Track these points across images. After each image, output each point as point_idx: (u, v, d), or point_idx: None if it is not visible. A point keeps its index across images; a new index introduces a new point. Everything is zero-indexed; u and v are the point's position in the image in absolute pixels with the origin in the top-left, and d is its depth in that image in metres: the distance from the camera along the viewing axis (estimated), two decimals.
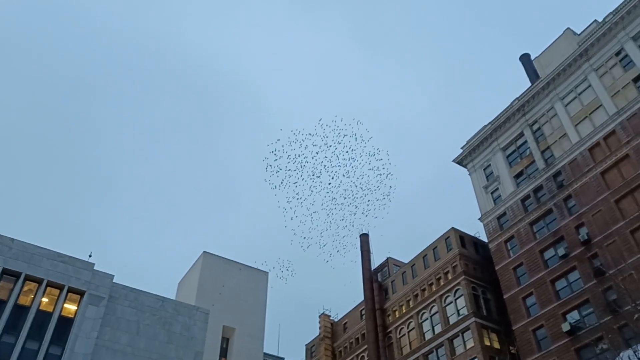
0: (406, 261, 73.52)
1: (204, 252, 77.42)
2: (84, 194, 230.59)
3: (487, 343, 56.72)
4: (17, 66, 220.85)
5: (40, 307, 44.57)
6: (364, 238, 79.52)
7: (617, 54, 57.61)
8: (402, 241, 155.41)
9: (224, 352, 70.04)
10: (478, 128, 72.48)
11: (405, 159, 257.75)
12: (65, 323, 44.70)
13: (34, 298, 44.79)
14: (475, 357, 55.65)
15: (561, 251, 53.60)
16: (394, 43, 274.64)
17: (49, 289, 45.74)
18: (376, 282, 74.93)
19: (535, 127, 64.63)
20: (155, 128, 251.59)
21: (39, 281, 45.46)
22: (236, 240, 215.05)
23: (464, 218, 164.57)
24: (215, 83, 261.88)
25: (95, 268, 48.56)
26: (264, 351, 75.89)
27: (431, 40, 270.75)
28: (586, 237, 51.61)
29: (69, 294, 46.25)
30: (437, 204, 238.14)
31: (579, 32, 65.09)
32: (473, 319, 57.74)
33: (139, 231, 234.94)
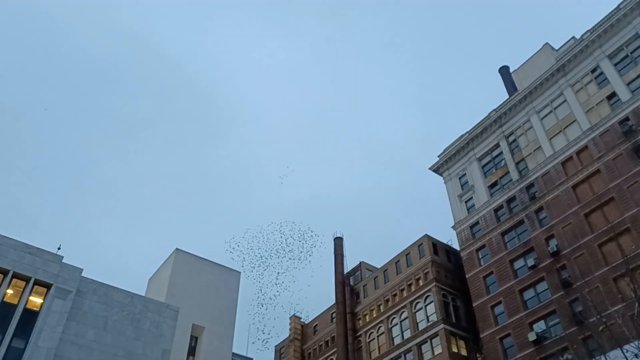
0: (379, 266, 73.87)
1: (177, 249, 76.52)
2: (53, 188, 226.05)
3: (455, 350, 57.29)
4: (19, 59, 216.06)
5: (5, 299, 43.47)
6: (338, 242, 79.68)
7: (593, 71, 58.98)
8: (376, 247, 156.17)
9: (192, 350, 69.29)
10: (455, 138, 73.31)
11: (380, 166, 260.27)
12: (30, 316, 43.68)
13: None
14: None
15: (531, 262, 54.54)
16: (368, 53, 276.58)
17: (14, 280, 44.62)
18: (348, 285, 75.10)
19: (511, 138, 65.71)
20: (128, 125, 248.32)
21: (4, 272, 44.31)
22: (209, 240, 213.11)
23: (438, 226, 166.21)
24: (189, 84, 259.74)
25: (63, 261, 47.57)
26: (233, 351, 75.39)
27: (410, 50, 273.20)
28: (555, 249, 52.61)
29: (35, 286, 45.21)
30: (411, 212, 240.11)
31: (557, 48, 66.43)
32: (442, 325, 58.29)
33: (110, 226, 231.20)
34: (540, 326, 51.11)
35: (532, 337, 50.25)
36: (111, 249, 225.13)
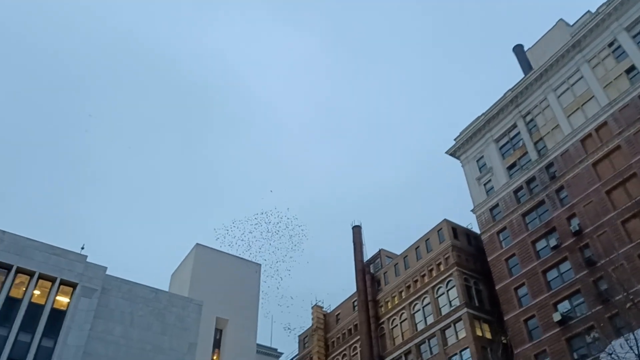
0: (399, 253, 73.74)
1: (197, 244, 77.22)
2: (74, 189, 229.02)
3: (479, 333, 57.14)
4: (7, 62, 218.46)
5: (32, 300, 44.31)
6: (356, 230, 79.65)
7: (610, 45, 57.74)
8: (395, 234, 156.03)
9: (217, 343, 70.12)
10: (471, 120, 72.51)
11: (395, 154, 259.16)
12: (58, 315, 44.50)
13: (25, 290, 44.51)
14: (467, 348, 56.08)
15: (553, 242, 53.96)
16: (377, 41, 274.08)
17: (41, 281, 45.46)
18: (368, 273, 75.15)
19: (528, 118, 64.82)
20: (144, 124, 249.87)
21: (30, 274, 45.16)
22: (227, 234, 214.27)
23: (456, 211, 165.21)
24: (202, 81, 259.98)
25: (87, 260, 48.30)
26: (257, 342, 76.12)
27: (420, 35, 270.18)
28: (577, 228, 51.97)
29: (61, 286, 45.99)
30: (429, 198, 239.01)
31: (571, 23, 65.16)
32: (465, 309, 58.10)
33: (131, 225, 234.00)
34: (565, 306, 50.67)
35: (557, 317, 49.84)
36: (132, 247, 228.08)
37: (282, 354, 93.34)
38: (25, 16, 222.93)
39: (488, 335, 57.53)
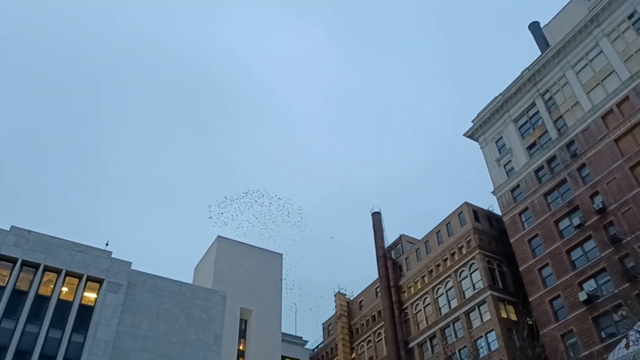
0: (419, 238, 73.49)
1: (218, 236, 77.97)
2: (95, 188, 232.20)
3: (504, 315, 56.81)
4: (23, 66, 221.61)
5: (61, 297, 45.30)
6: (376, 216, 79.50)
7: (630, 17, 56.28)
8: (415, 220, 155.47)
9: (242, 333, 70.96)
10: (488, 102, 71.54)
11: (411, 137, 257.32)
12: (86, 311, 45.45)
13: (54, 288, 45.48)
14: (492, 330, 55.85)
15: (576, 221, 53.24)
16: (387, 25, 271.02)
17: (68, 278, 46.42)
18: (390, 259, 75.07)
19: (546, 96, 63.73)
20: (160, 121, 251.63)
21: (57, 271, 46.09)
22: (247, 226, 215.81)
23: (476, 193, 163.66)
24: (214, 76, 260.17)
25: (112, 256, 49.09)
26: (282, 331, 76.82)
27: (431, 15, 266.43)
28: (601, 206, 51.17)
29: (88, 282, 46.92)
30: (448, 181, 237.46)
31: None
32: (489, 292, 57.78)
33: (152, 220, 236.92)
34: (590, 285, 50.07)
35: (582, 296, 49.31)
36: (155, 242, 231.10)
37: (307, 342, 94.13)
38: (40, 20, 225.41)
39: (513, 317, 57.20)
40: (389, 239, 78.49)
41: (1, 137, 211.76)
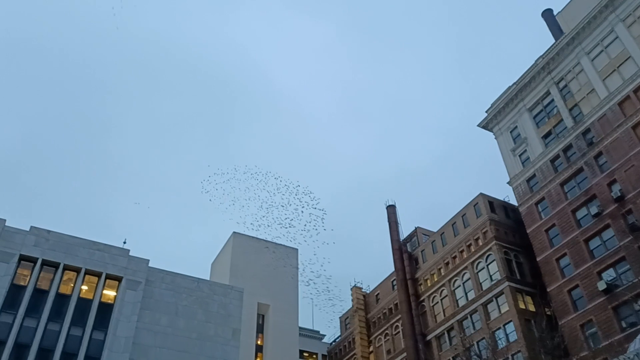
0: (435, 230, 73.22)
1: (234, 232, 78.50)
2: (111, 187, 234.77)
3: (522, 306, 56.46)
4: (37, 70, 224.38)
5: (81, 295, 45.99)
6: (391, 210, 79.33)
7: None
8: (430, 213, 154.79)
9: (260, 328, 71.45)
10: (501, 92, 70.86)
11: (423, 130, 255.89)
12: (106, 309, 46.10)
13: (74, 286, 46.17)
14: (510, 321, 55.56)
15: (594, 210, 52.64)
16: (395, 17, 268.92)
17: (87, 276, 47.09)
18: (406, 252, 74.93)
19: (561, 84, 62.93)
20: (173, 119, 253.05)
21: (77, 270, 46.78)
22: (261, 221, 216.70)
23: (491, 184, 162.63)
24: (225, 75, 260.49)
25: (130, 254, 49.65)
26: (299, 325, 77.21)
27: (441, 5, 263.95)
28: (619, 194, 50.50)
29: (107, 280, 47.56)
30: (462, 173, 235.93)
31: None
32: (506, 283, 57.44)
33: (168, 217, 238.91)
34: (609, 274, 49.52)
35: (601, 286, 48.80)
36: (172, 239, 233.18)
37: (324, 335, 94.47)
38: (53, 25, 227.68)
39: (531, 308, 56.84)
40: (404, 232, 78.42)
41: (18, 140, 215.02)
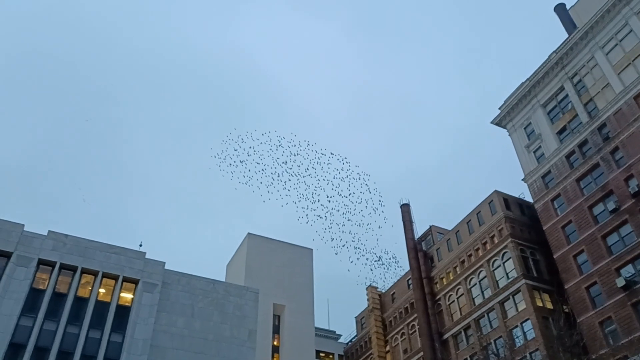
0: (450, 228, 72.82)
1: (249, 233, 78.80)
2: (127, 191, 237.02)
3: (540, 304, 55.93)
4: (53, 79, 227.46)
5: (99, 298, 46.49)
6: (405, 208, 79.05)
7: None
8: (445, 211, 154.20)
9: (276, 329, 71.61)
10: (514, 88, 70.29)
11: (436, 128, 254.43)
12: (123, 311, 46.55)
13: (91, 290, 46.70)
14: (527, 319, 55.07)
15: (611, 205, 51.98)
16: (403, 15, 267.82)
17: (104, 280, 47.61)
18: (421, 251, 74.62)
19: (575, 79, 62.25)
20: (182, 124, 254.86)
21: (94, 273, 47.31)
22: (276, 222, 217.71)
23: (506, 181, 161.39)
24: (232, 80, 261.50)
25: (146, 257, 50.07)
26: (315, 325, 77.27)
27: (454, 3, 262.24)
28: (637, 189, 49.81)
29: (124, 283, 48.03)
30: (476, 170, 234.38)
31: None
32: (523, 281, 56.95)
33: (183, 220, 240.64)
34: (628, 270, 48.88)
35: (620, 282, 48.17)
36: (187, 241, 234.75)
37: (340, 335, 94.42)
38: (66, 35, 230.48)
39: (549, 306, 56.28)
40: (419, 230, 78.12)
41: (34, 147, 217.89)
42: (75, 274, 46.31)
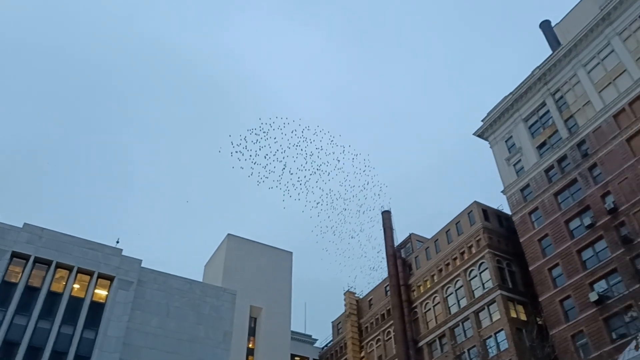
0: (429, 237, 73.36)
1: (229, 234, 78.36)
2: (107, 187, 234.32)
3: (514, 315, 56.60)
4: (34, 74, 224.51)
5: (73, 293, 45.88)
6: (386, 215, 79.45)
7: None
8: (425, 220, 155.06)
9: (252, 331, 71.22)
10: (498, 101, 71.24)
11: (420, 138, 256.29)
12: (97, 308, 46.01)
13: (65, 285, 46.06)
14: (501, 330, 55.67)
15: (587, 221, 52.89)
16: (392, 26, 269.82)
17: (79, 275, 47.00)
18: (400, 258, 75.02)
19: (557, 95, 63.32)
20: (171, 123, 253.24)
21: (69, 268, 46.69)
22: (258, 224, 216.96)
23: (486, 192, 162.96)
24: (218, 81, 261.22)
25: (123, 254, 49.56)
26: (292, 329, 77.07)
27: (439, 14, 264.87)
28: (612, 206, 50.79)
29: (99, 279, 47.48)
30: (457, 181, 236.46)
31: None
32: (498, 291, 57.59)
33: (163, 219, 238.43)
34: (601, 286, 49.73)
35: (593, 297, 48.98)
36: (166, 240, 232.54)
37: (316, 340, 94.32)
38: (49, 27, 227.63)
39: (523, 317, 56.97)
40: (399, 238, 78.54)
41: (14, 140, 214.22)
42: (49, 268, 45.65)
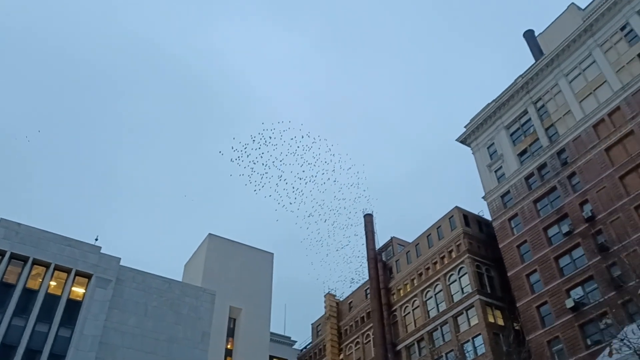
0: (410, 241, 73.76)
1: (210, 234, 77.90)
2: (87, 185, 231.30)
3: (491, 320, 57.16)
4: (22, 68, 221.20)
5: (49, 291, 45.12)
6: (368, 218, 79.73)
7: (622, 28, 56.88)
8: (406, 224, 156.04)
9: (231, 332, 70.83)
10: (480, 108, 72.00)
11: (403, 142, 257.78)
12: (74, 306, 45.32)
13: (42, 282, 45.29)
14: (479, 334, 56.16)
15: (565, 228, 53.69)
16: (376, 31, 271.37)
17: (56, 272, 46.25)
18: (381, 261, 75.31)
19: (539, 104, 64.21)
20: (152, 122, 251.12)
21: (46, 265, 45.92)
22: (240, 224, 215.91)
23: (467, 198, 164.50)
24: (201, 80, 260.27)
25: (102, 252, 48.93)
26: (271, 330, 76.83)
27: (424, 21, 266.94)
28: (590, 214, 51.63)
29: (77, 277, 46.79)
30: (439, 186, 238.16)
31: (583, 7, 64.25)
32: (477, 296, 58.13)
33: (144, 217, 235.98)
34: (577, 292, 50.49)
35: (569, 303, 49.71)
36: (146, 239, 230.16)
37: (295, 342, 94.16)
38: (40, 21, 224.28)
39: (500, 322, 57.57)
40: (380, 241, 78.84)
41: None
42: (25, 265, 44.85)
